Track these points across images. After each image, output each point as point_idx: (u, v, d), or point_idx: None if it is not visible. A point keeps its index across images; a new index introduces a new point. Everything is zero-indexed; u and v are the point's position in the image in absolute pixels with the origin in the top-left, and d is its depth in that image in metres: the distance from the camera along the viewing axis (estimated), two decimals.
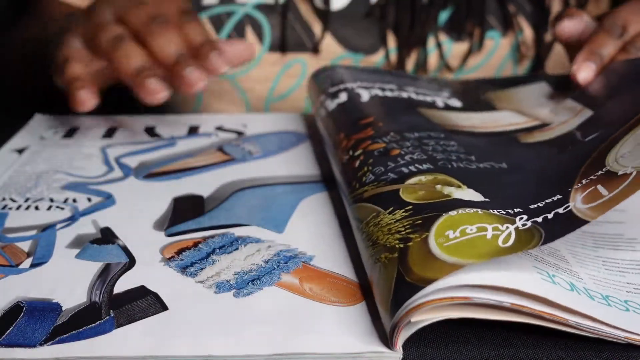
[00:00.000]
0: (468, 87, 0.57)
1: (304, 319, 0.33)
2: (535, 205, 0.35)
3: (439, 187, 0.38)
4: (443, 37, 0.62)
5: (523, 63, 0.63)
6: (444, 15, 0.62)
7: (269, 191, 0.46)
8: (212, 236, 0.41)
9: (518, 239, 0.33)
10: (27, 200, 0.45)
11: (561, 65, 0.66)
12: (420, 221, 0.35)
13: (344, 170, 0.44)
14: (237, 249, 0.39)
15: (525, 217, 0.34)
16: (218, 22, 0.63)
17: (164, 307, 0.34)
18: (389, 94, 0.51)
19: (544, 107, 0.50)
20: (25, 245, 0.40)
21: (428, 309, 0.31)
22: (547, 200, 0.36)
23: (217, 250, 0.39)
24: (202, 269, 0.37)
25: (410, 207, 0.36)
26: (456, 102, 0.52)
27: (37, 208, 0.44)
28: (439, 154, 0.42)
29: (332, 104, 0.52)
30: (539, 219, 0.34)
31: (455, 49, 0.62)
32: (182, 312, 0.34)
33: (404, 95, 0.52)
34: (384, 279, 0.33)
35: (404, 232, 0.34)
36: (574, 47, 0.53)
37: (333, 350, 0.32)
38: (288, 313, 0.34)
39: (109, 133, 0.57)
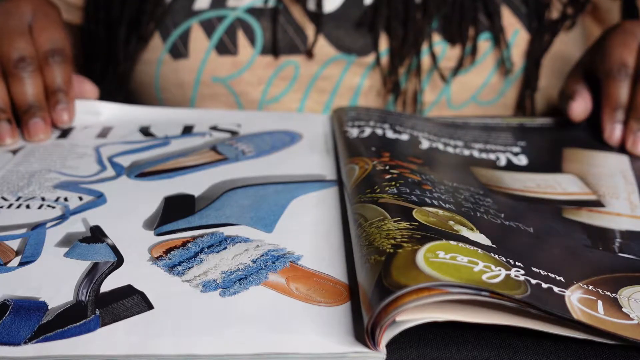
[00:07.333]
0: (552, 136, 0.55)
1: (289, 319, 0.33)
2: (537, 270, 0.35)
3: (451, 223, 0.38)
4: (437, 39, 0.62)
5: (517, 64, 0.63)
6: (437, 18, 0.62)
7: (260, 191, 0.46)
8: (201, 235, 0.41)
9: (504, 282, 0.32)
10: (18, 199, 0.45)
11: (559, 64, 0.65)
12: (419, 236, 0.35)
13: (371, 173, 0.44)
14: (225, 248, 0.39)
15: (522, 272, 0.34)
16: (209, 26, 0.62)
17: (149, 306, 0.34)
18: (450, 150, 0.52)
19: (609, 183, 0.48)
20: (14, 244, 0.40)
21: (410, 308, 0.31)
22: (550, 274, 0.35)
23: (206, 250, 0.39)
24: (189, 268, 0.37)
25: (417, 223, 0.37)
26: (523, 160, 0.51)
27: (28, 207, 0.44)
28: (468, 203, 0.42)
29: (390, 134, 0.52)
30: (533, 281, 0.33)
31: (448, 52, 0.62)
32: (167, 311, 0.34)
33: (467, 153, 0.52)
34: (368, 281, 0.33)
35: (399, 240, 0.35)
36: None
37: (318, 351, 0.32)
38: (273, 313, 0.34)
39: (104, 132, 0.57)
